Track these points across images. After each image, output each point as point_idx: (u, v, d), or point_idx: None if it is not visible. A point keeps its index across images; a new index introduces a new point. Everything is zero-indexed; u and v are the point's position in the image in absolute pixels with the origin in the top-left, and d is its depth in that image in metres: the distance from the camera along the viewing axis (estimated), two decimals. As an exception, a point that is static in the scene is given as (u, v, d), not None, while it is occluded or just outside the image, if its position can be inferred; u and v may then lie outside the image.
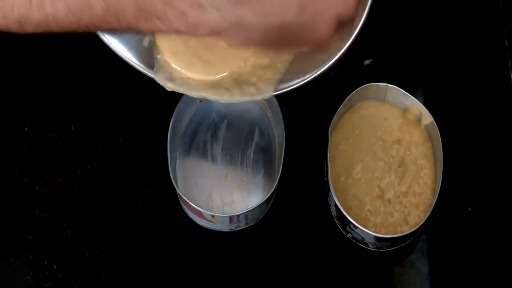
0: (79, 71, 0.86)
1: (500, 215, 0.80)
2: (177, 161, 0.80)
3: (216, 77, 0.65)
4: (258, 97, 0.65)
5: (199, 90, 0.65)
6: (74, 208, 0.80)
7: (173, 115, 0.78)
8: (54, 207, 0.80)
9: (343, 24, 0.59)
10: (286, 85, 0.65)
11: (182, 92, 0.65)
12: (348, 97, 0.80)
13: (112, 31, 0.63)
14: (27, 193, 0.80)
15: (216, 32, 0.57)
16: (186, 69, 0.65)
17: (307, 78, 0.64)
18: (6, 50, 0.85)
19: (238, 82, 0.65)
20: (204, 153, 0.81)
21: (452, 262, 0.79)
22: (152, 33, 0.64)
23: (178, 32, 0.57)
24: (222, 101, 0.65)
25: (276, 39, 0.58)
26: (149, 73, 0.65)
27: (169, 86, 0.65)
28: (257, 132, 0.82)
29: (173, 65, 0.65)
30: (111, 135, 0.83)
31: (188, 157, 0.81)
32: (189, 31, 0.57)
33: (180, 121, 0.80)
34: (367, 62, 0.87)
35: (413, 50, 0.89)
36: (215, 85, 0.65)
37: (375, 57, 0.87)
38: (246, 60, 0.65)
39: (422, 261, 0.79)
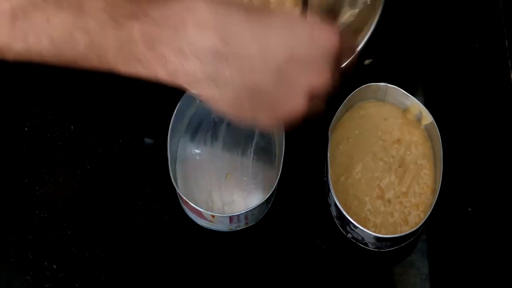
0: (79, 71, 0.86)
1: (500, 215, 0.80)
2: (177, 161, 0.80)
3: None
4: None
5: None
6: (74, 208, 0.80)
7: (173, 115, 0.78)
8: (54, 207, 0.80)
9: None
10: None
11: None
12: (348, 97, 0.80)
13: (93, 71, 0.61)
14: (27, 193, 0.80)
15: (193, 82, 0.56)
16: None
17: None
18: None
19: None
20: (204, 153, 0.81)
21: (452, 262, 0.79)
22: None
23: (156, 77, 0.56)
24: None
25: (248, 104, 0.57)
26: None
27: None
28: (257, 132, 0.82)
29: None
30: (111, 135, 0.83)
31: (188, 157, 0.81)
32: (168, 77, 0.56)
33: (180, 121, 0.80)
34: (367, 62, 0.87)
35: (413, 50, 0.89)
36: None
37: (375, 57, 0.87)
38: None
39: (422, 261, 0.79)
